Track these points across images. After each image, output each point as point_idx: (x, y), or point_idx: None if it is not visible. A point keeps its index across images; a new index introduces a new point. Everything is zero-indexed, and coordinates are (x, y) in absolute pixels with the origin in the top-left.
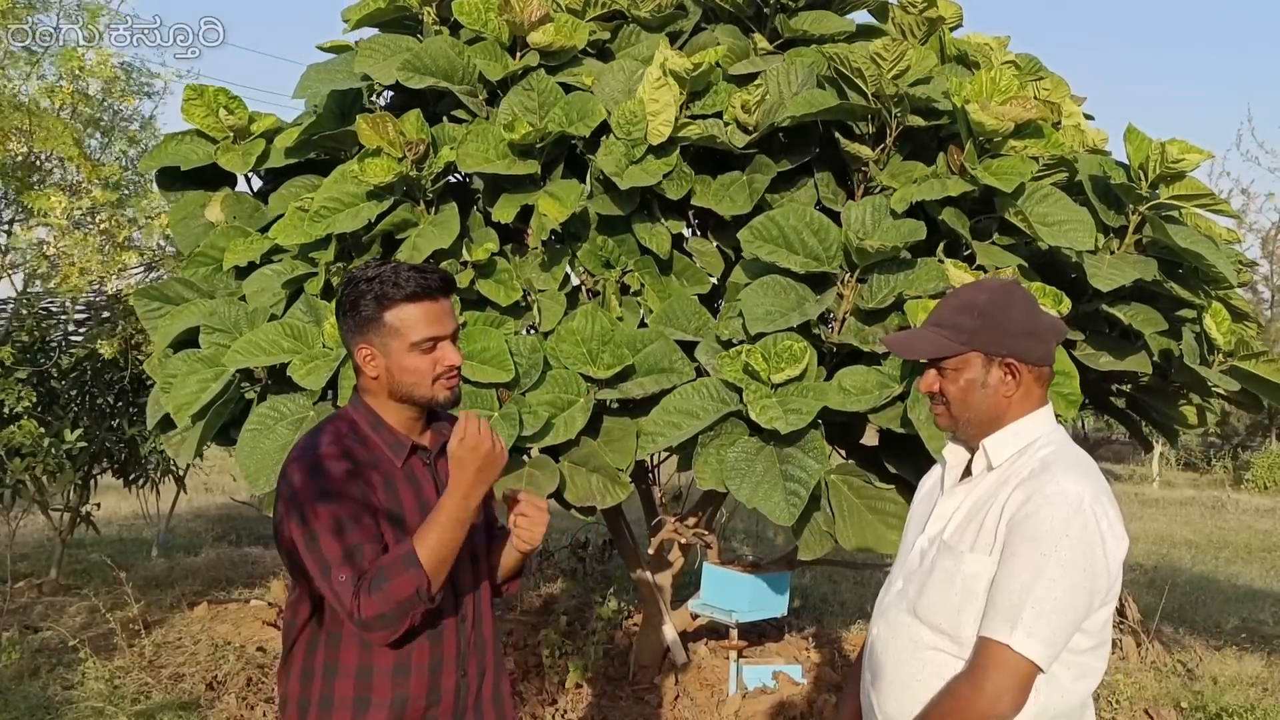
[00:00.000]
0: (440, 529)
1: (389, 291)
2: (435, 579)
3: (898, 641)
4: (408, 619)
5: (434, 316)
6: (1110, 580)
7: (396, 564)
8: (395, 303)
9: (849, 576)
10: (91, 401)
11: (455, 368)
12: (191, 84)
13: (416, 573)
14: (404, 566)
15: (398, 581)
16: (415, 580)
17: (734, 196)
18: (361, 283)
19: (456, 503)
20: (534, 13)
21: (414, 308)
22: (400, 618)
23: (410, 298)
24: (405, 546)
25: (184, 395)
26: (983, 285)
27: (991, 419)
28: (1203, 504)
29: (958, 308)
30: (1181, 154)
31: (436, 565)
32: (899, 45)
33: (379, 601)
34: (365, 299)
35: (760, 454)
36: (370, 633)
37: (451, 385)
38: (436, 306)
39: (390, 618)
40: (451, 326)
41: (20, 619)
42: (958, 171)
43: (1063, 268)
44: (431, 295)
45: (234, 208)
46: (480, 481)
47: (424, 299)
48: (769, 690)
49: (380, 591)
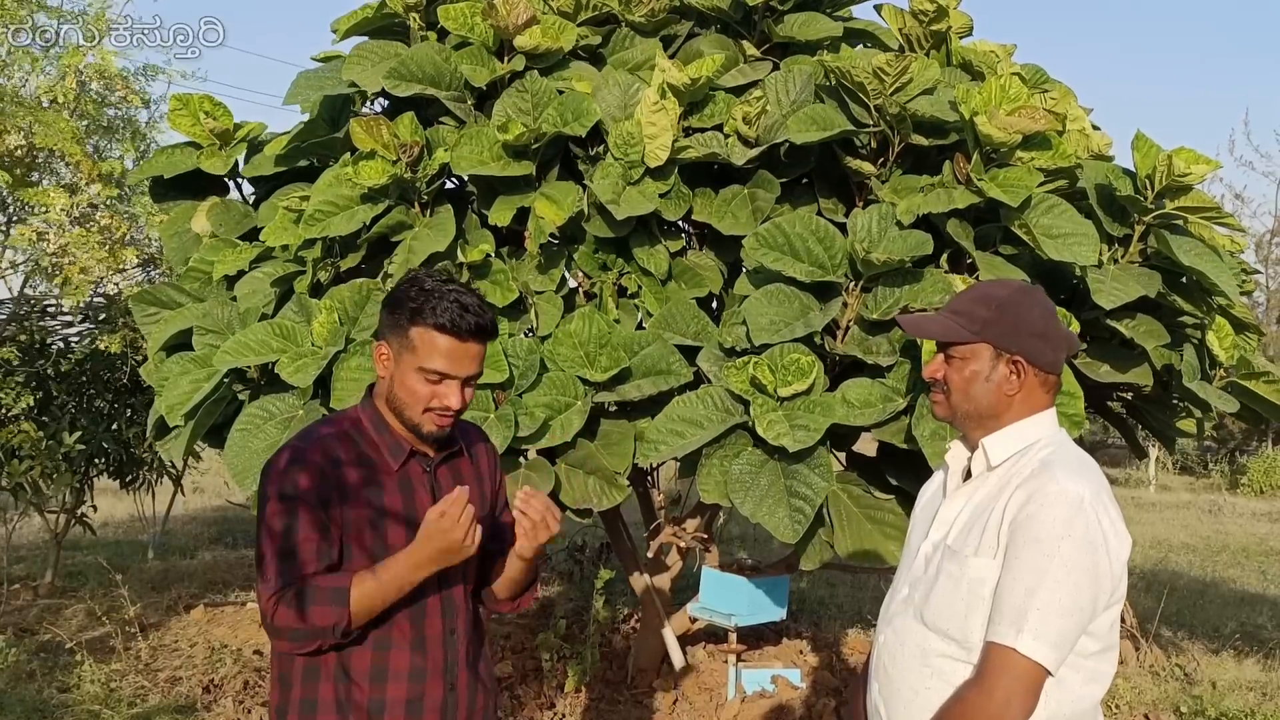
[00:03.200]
0: (381, 585)
1: (426, 312)
2: (356, 620)
3: (905, 649)
4: (316, 645)
5: (454, 355)
6: (1114, 580)
7: (326, 593)
8: (426, 324)
9: (847, 581)
10: (89, 403)
11: (449, 410)
12: (176, 94)
13: (339, 610)
14: (331, 599)
15: (320, 610)
16: (335, 616)
17: (736, 214)
18: (415, 289)
19: (406, 570)
20: (520, 16)
21: (441, 338)
22: (309, 640)
23: (440, 327)
24: (343, 581)
25: (176, 396)
26: (1006, 282)
27: (990, 415)
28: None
29: (977, 298)
30: (1189, 166)
31: (361, 612)
32: (902, 60)
33: (294, 618)
34: (407, 305)
35: (765, 468)
36: (275, 639)
37: (441, 424)
38: (461, 347)
39: (299, 636)
40: (468, 371)
41: (16, 622)
42: (964, 182)
43: (1066, 276)
44: (459, 335)
45: (221, 216)
46: (436, 562)
47: (451, 334)
48: (767, 694)
49: (300, 610)
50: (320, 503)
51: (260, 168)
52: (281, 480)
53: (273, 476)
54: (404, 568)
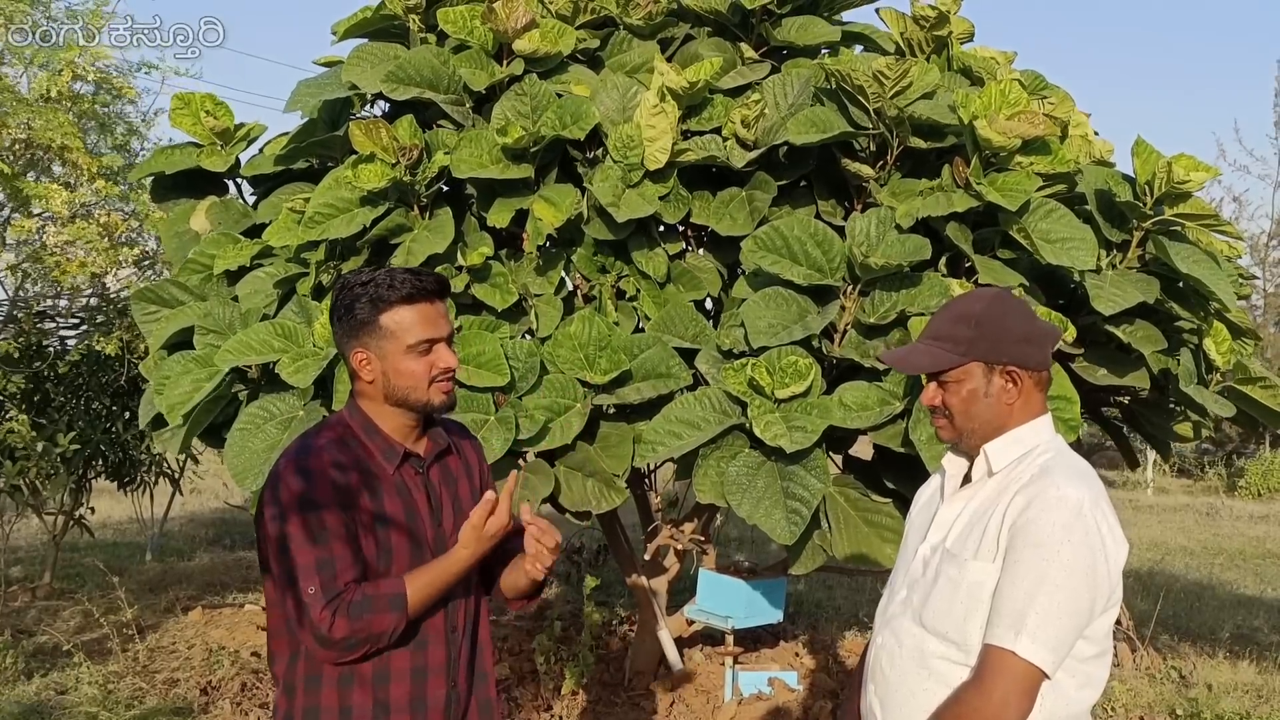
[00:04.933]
0: (431, 587)
1: (384, 294)
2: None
3: (903, 651)
4: (365, 651)
5: (429, 319)
6: (1111, 585)
7: (384, 600)
8: (391, 305)
9: (844, 583)
10: (86, 405)
11: (451, 370)
12: (178, 93)
13: (399, 615)
14: (390, 605)
15: (380, 617)
16: (395, 621)
17: (734, 215)
18: (356, 287)
19: (457, 571)
20: (519, 20)
21: (409, 310)
22: (363, 647)
23: (405, 300)
24: (398, 586)
25: (177, 395)
26: (976, 295)
27: (995, 428)
28: (1197, 511)
29: (954, 319)
30: (1188, 173)
31: (417, 610)
32: (902, 64)
33: (355, 627)
34: (360, 303)
35: (761, 469)
36: (324, 649)
37: (447, 390)
38: (432, 309)
39: (355, 644)
40: (447, 329)
41: (13, 623)
42: (963, 186)
43: (1064, 280)
44: (427, 297)
45: (220, 215)
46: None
47: (419, 301)
48: (764, 696)
49: (360, 619)
50: (340, 507)
51: (260, 167)
52: (294, 492)
53: (283, 490)
54: (455, 571)
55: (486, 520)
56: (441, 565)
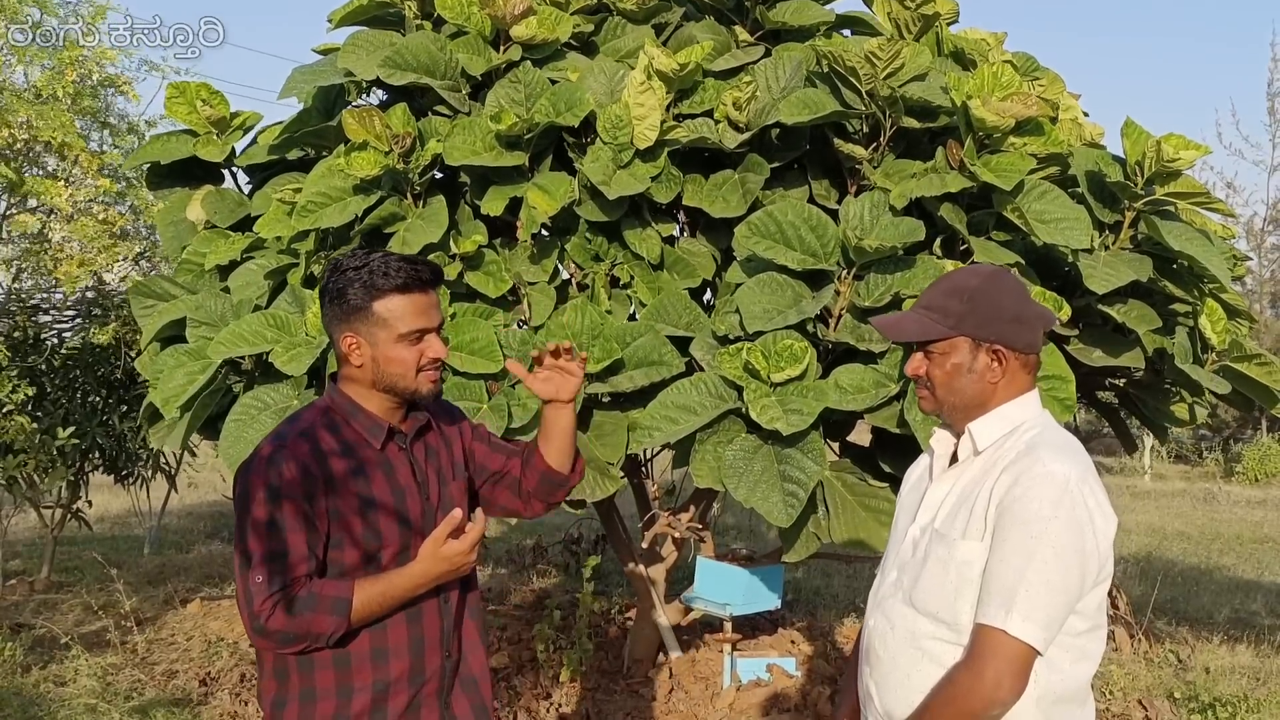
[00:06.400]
0: (383, 598)
1: (379, 282)
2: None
3: (896, 633)
4: (302, 647)
5: (422, 308)
6: (1101, 560)
7: (327, 602)
8: (385, 293)
9: (841, 570)
10: (83, 398)
11: (439, 360)
12: (174, 82)
13: (338, 620)
14: (332, 609)
15: (319, 618)
16: (333, 626)
17: (727, 197)
18: (349, 271)
19: (410, 587)
20: (516, 6)
21: (403, 299)
22: (297, 643)
23: (400, 289)
24: (344, 591)
25: (171, 388)
26: (974, 270)
27: (976, 404)
28: (1194, 496)
29: (947, 291)
30: (1177, 151)
31: (358, 621)
32: (894, 45)
33: (290, 623)
34: (353, 287)
35: (758, 453)
36: (259, 639)
37: (434, 379)
38: (425, 299)
39: (289, 640)
40: (438, 319)
41: (12, 616)
42: (957, 167)
43: (1058, 262)
44: (421, 287)
45: (215, 204)
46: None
47: (413, 290)
48: (763, 683)
49: (298, 616)
50: (306, 497)
51: (255, 156)
52: (264, 477)
53: (254, 473)
54: (408, 586)
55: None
56: (393, 579)
